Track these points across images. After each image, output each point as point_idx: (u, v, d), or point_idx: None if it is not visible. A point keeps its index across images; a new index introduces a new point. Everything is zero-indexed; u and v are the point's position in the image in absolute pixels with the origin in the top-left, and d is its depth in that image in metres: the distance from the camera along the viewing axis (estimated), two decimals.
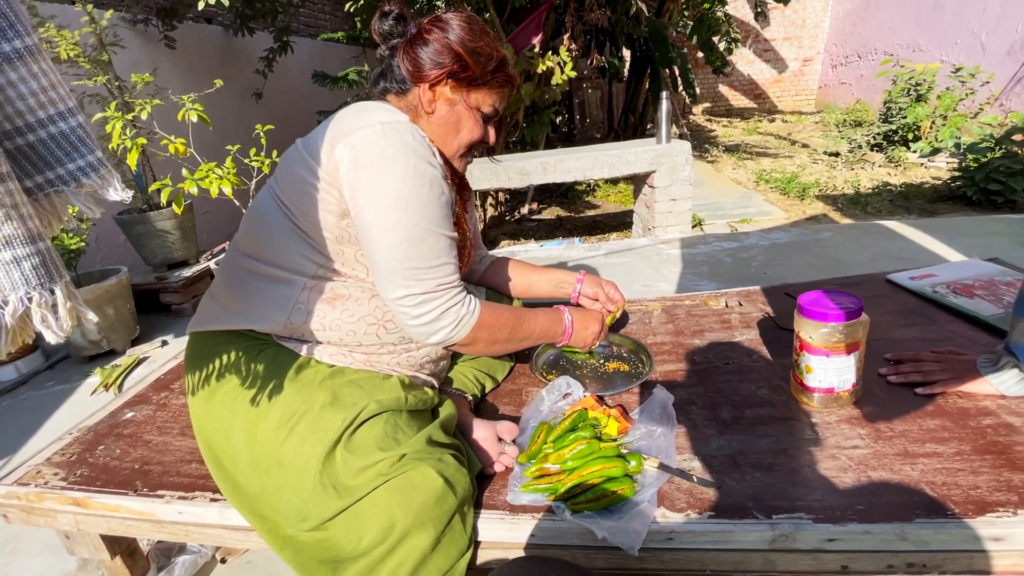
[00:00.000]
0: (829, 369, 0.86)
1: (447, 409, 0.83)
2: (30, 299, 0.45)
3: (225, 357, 0.79)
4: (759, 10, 6.92)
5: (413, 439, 0.71)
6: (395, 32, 0.85)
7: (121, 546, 1.00)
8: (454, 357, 1.02)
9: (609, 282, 1.18)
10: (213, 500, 0.83)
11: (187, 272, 2.85)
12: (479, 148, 0.93)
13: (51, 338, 0.47)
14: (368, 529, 0.65)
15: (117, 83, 2.61)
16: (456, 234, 0.82)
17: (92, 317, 0.49)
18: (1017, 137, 3.45)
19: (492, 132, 0.92)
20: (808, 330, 0.86)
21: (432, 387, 0.91)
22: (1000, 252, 2.37)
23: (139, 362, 2.32)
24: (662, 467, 0.79)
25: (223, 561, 1.19)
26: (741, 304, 1.32)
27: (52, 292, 0.47)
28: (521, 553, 0.73)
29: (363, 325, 0.81)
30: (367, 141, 0.74)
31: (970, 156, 3.52)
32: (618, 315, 1.19)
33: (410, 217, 0.74)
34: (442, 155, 0.85)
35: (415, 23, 0.84)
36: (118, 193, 0.54)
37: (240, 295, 0.81)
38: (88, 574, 1.11)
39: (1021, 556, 0.63)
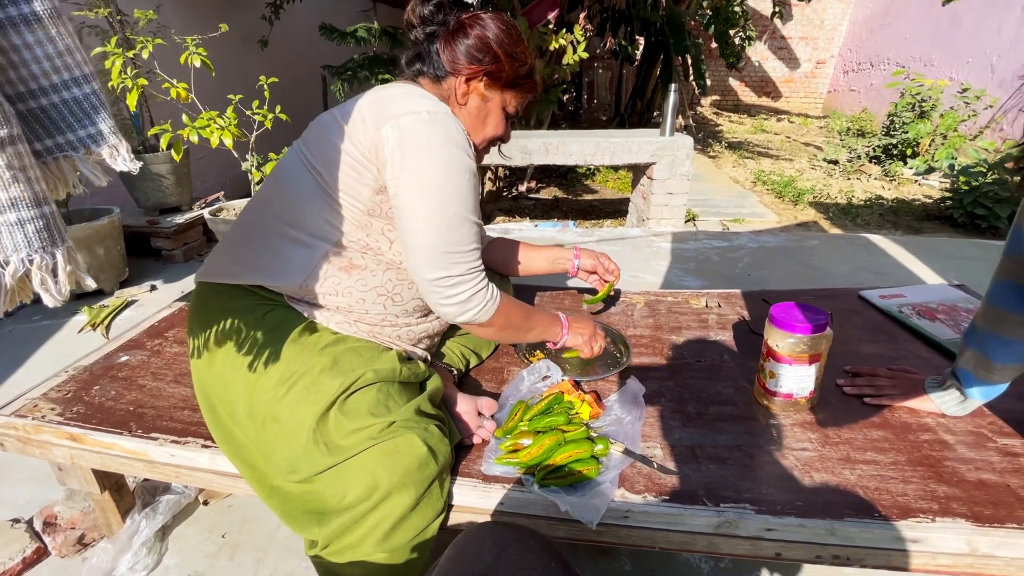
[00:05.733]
0: (791, 376, 0.92)
1: (434, 382, 0.88)
2: (31, 261, 0.47)
3: (232, 312, 0.82)
4: (777, 9, 6.83)
5: (403, 408, 0.76)
6: (434, 19, 0.87)
7: (110, 481, 1.05)
8: (446, 334, 1.07)
9: (603, 254, 1.26)
10: (205, 446, 0.88)
11: (179, 218, 2.83)
12: (497, 143, 0.99)
13: (49, 301, 0.49)
14: (353, 486, 0.70)
15: (119, 17, 2.53)
16: (481, 221, 0.86)
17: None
18: (1009, 165, 3.53)
19: (509, 129, 0.98)
20: (776, 338, 0.92)
21: (424, 360, 0.96)
22: (974, 277, 2.46)
23: (127, 304, 2.33)
24: (627, 452, 0.86)
25: (205, 503, 1.25)
26: (720, 305, 1.38)
27: (53, 256, 0.48)
28: (489, 518, 0.80)
29: (373, 295, 0.85)
30: (415, 127, 0.77)
31: (962, 178, 3.59)
32: (616, 284, 1.27)
33: (451, 204, 0.79)
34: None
35: (454, 15, 0.87)
36: (126, 163, 0.55)
37: (259, 252, 0.84)
38: (76, 504, 1.16)
39: (932, 557, 0.71)
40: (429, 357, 0.98)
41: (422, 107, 0.80)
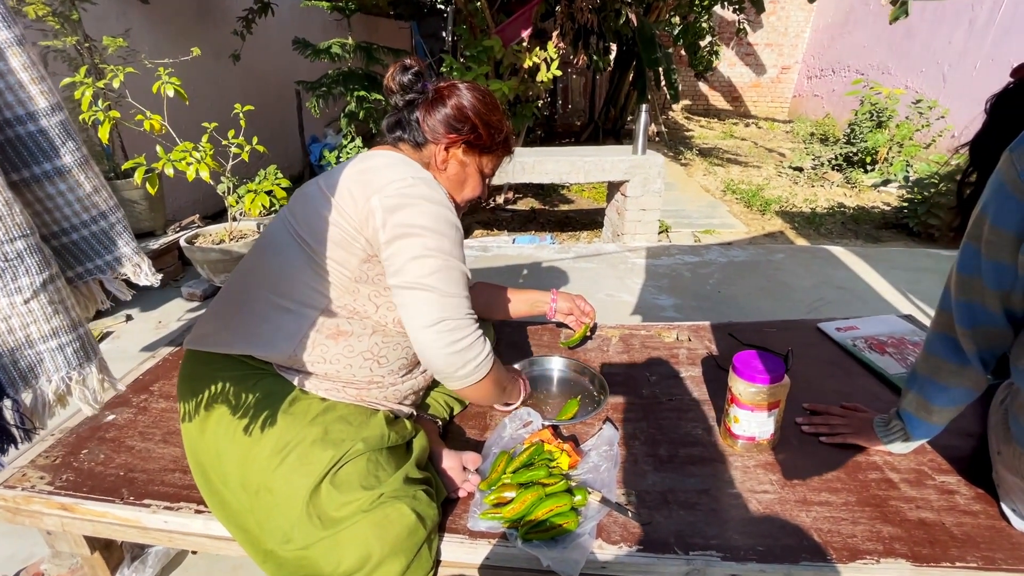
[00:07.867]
0: (752, 421, 1.00)
1: (420, 442, 0.92)
2: (70, 378, 0.52)
3: (222, 382, 0.85)
4: (742, 27, 7.06)
5: (391, 479, 0.81)
6: (413, 87, 0.92)
7: (100, 542, 1.06)
8: (429, 387, 1.11)
9: (579, 296, 1.35)
10: (198, 511, 0.90)
11: (153, 244, 2.79)
12: (474, 202, 1.04)
13: (87, 410, 0.54)
14: (347, 556, 0.74)
15: (87, 44, 2.48)
16: (469, 273, 0.91)
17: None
18: (958, 178, 3.72)
19: (486, 189, 1.03)
20: (738, 386, 0.99)
21: (410, 416, 1.00)
22: (926, 288, 2.62)
23: (103, 337, 2.30)
24: (603, 501, 0.91)
25: (194, 552, 1.27)
26: (690, 339, 1.45)
27: (88, 370, 0.53)
28: (476, 574, 0.85)
29: (360, 360, 0.89)
30: (401, 189, 0.83)
31: (916, 189, 3.79)
32: (592, 325, 1.37)
33: (443, 249, 0.83)
34: None
35: (432, 83, 0.92)
36: (148, 279, 0.60)
37: (248, 321, 0.87)
38: (63, 561, 1.17)
39: None
40: (415, 412, 1.02)
41: (406, 174, 0.85)
